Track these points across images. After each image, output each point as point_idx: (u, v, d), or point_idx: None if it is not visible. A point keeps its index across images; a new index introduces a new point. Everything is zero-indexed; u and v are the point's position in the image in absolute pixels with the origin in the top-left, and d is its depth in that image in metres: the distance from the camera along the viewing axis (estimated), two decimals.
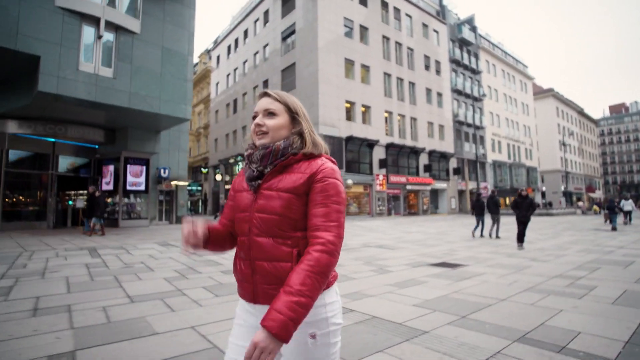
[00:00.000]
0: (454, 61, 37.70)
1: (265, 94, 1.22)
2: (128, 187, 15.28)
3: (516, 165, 45.59)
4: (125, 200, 15.35)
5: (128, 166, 15.30)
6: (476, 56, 41.30)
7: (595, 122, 79.97)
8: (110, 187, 15.53)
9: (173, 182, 18.06)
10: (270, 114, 1.19)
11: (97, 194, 11.94)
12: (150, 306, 3.92)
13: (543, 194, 53.24)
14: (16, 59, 10.95)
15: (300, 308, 0.96)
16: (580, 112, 68.03)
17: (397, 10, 31.77)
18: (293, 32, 27.92)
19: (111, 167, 15.67)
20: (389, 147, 29.01)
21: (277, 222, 1.10)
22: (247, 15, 34.73)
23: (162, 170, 17.30)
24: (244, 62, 34.48)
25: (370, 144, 27.50)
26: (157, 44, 13.53)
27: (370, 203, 27.99)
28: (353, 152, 26.68)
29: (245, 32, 34.94)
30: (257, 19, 33.03)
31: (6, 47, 10.22)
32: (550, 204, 51.45)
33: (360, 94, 27.55)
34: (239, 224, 1.19)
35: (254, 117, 1.22)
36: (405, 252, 8.37)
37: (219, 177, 31.96)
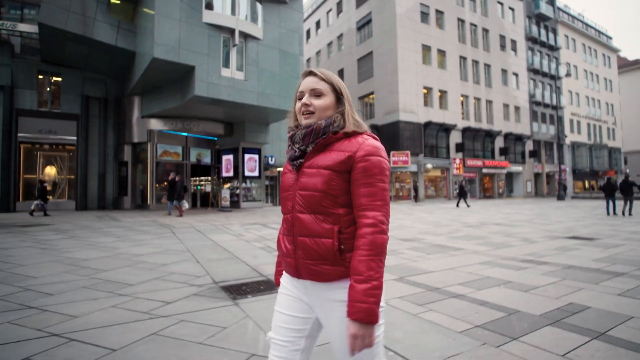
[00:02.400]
0: (530, 39, 36.28)
1: (311, 73, 1.23)
2: (246, 174, 17.60)
3: (597, 146, 43.08)
4: (244, 185, 17.71)
5: (245, 155, 17.59)
6: (554, 31, 39.25)
7: None
8: (230, 173, 17.98)
9: (277, 169, 20.29)
10: (317, 94, 1.20)
11: (177, 179, 13.21)
12: (399, 259, 5.56)
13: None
14: (175, 69, 13.32)
15: (376, 290, 1.04)
16: None
17: None
18: (369, 22, 28.80)
19: (230, 156, 18.08)
20: (465, 131, 29.25)
21: (318, 199, 1.13)
22: (318, 7, 36.03)
23: (269, 158, 19.54)
24: (317, 52, 36.00)
25: (447, 129, 27.98)
26: (275, 47, 15.40)
27: (447, 186, 28.64)
28: (431, 137, 27.39)
29: (318, 23, 36.32)
30: (330, 10, 34.22)
31: (173, 60, 12.55)
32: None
33: (437, 79, 27.97)
34: (283, 203, 1.23)
35: (299, 98, 1.24)
36: (526, 229, 9.44)
37: None
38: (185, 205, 13.33)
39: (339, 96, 1.22)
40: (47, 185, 14.98)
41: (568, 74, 28.16)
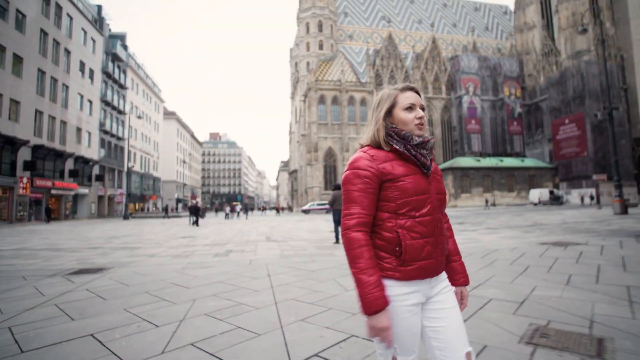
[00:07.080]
0: (106, 73, 39.62)
1: (414, 89, 1.35)
2: None
3: (146, 175, 52.39)
4: None
5: None
6: (125, 72, 44.89)
7: (200, 144, 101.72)
8: None
9: None
10: (423, 109, 1.35)
11: None
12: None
13: (162, 200, 63.21)
14: None
15: None
16: (192, 135, 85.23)
17: (59, 7, 30.54)
18: None
19: None
20: (38, 148, 27.46)
21: (445, 202, 1.37)
22: None
23: None
24: None
25: (14, 142, 25.15)
26: None
27: (9, 208, 25.25)
28: None
29: None
30: None
31: None
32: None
33: (10, 85, 24.76)
34: (417, 205, 1.25)
35: (407, 108, 1.32)
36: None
37: None
38: None
39: None
40: None
41: (139, 117, 34.07)
